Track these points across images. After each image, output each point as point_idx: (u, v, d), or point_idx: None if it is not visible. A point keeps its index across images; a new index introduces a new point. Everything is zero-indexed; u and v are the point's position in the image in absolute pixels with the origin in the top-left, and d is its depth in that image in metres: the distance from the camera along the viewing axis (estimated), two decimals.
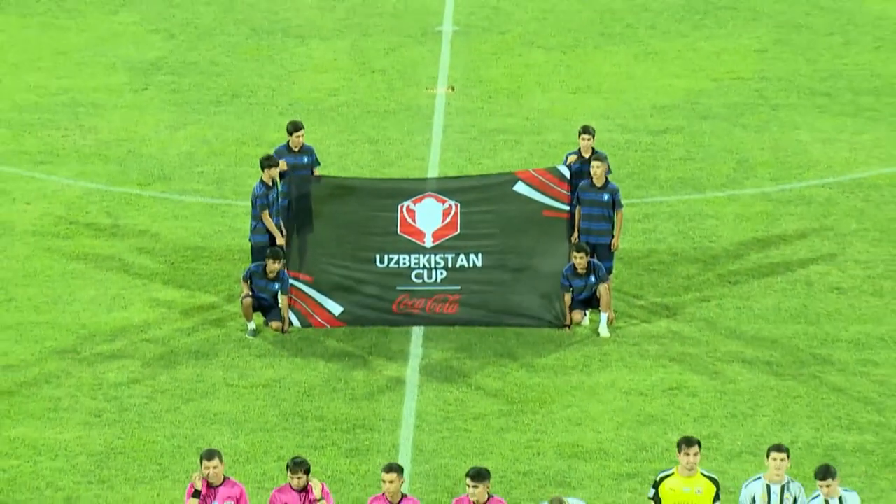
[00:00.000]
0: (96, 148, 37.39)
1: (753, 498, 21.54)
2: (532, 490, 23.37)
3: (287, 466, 21.52)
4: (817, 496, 21.50)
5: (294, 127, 30.93)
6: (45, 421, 26.54)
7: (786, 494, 21.55)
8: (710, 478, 21.77)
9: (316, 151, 31.06)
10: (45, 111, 39.43)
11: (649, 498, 21.64)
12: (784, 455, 21.52)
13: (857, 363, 28.48)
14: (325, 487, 21.57)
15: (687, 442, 21.61)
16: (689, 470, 21.52)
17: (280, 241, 29.61)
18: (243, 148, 35.12)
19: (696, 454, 21.48)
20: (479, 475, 21.34)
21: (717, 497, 21.58)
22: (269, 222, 29.71)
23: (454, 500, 21.59)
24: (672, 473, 21.64)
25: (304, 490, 21.39)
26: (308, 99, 39.33)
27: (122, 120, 39.07)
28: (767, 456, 21.55)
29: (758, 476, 21.72)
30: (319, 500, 21.36)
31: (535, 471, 24.97)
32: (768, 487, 21.60)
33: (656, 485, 21.67)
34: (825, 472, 21.43)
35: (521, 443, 26.18)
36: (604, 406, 27.25)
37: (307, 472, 21.46)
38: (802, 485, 21.80)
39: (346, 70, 42.32)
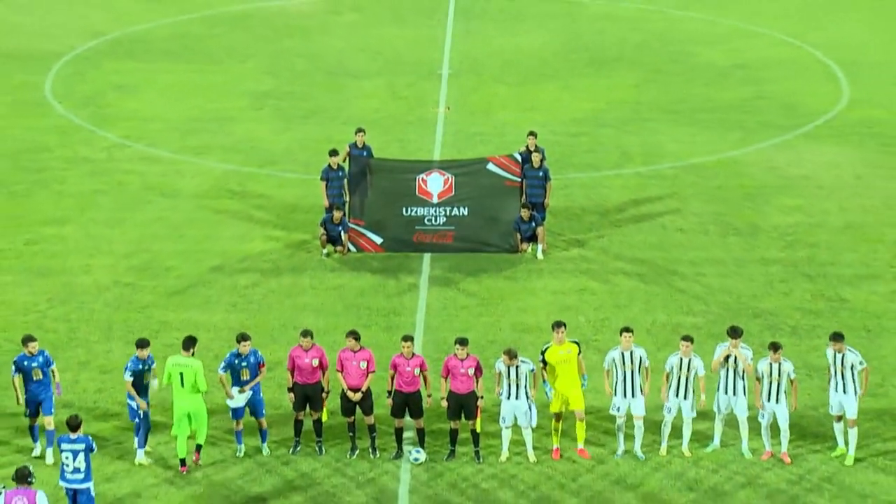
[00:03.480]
0: (232, 144, 37.33)
1: (613, 359, 21.68)
2: (496, 352, 23.38)
3: (347, 335, 21.68)
4: (676, 354, 21.60)
5: (359, 129, 31.00)
6: (201, 309, 26.67)
7: (634, 356, 21.61)
8: (573, 342, 21.94)
9: (371, 149, 30.97)
10: (201, 122, 39.37)
11: (540, 361, 21.80)
12: (630, 334, 21.64)
13: (693, 275, 28.52)
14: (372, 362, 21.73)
15: (556, 324, 21.79)
16: (560, 342, 21.66)
17: (325, 202, 29.66)
18: (320, 145, 35.00)
19: (562, 332, 21.66)
20: (463, 341, 21.48)
21: (579, 352, 21.80)
22: (322, 189, 29.90)
23: (447, 357, 21.65)
24: (550, 345, 21.81)
25: (356, 352, 21.53)
26: (359, 115, 39.23)
27: (247, 127, 39.00)
28: (620, 335, 21.67)
29: (616, 347, 21.80)
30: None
31: (497, 340, 25.05)
32: (622, 354, 21.68)
33: (542, 353, 21.84)
34: (685, 337, 21.76)
35: (489, 323, 26.26)
36: (539, 300, 27.31)
37: (357, 339, 21.63)
38: (646, 349, 22.03)
39: (383, 97, 42.25)
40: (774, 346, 21.43)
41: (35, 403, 21.34)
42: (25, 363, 21.25)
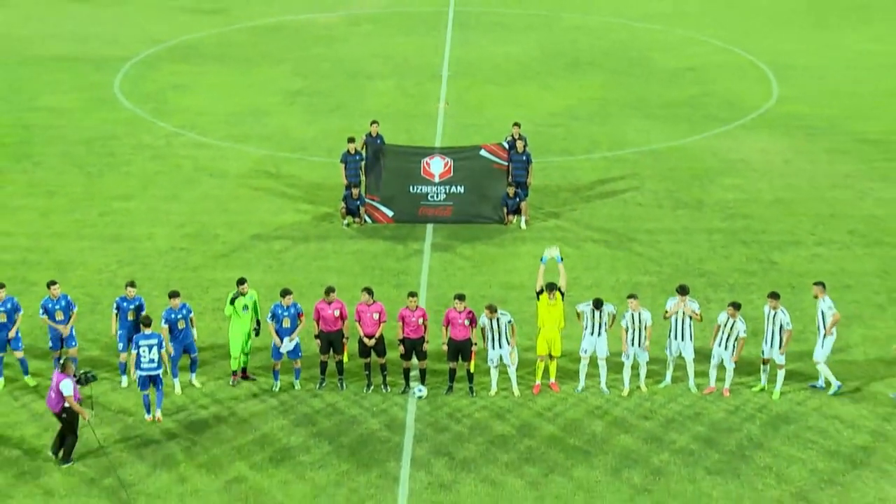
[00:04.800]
0: (268, 133, 37.13)
1: (584, 311, 21.65)
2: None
3: (362, 291, 21.75)
4: (628, 311, 21.57)
5: (372, 121, 30.78)
6: (243, 269, 26.53)
7: (604, 310, 21.60)
8: (559, 290, 21.81)
9: (384, 138, 30.78)
10: (243, 115, 39.12)
11: (536, 299, 21.80)
12: (601, 305, 21.57)
13: (649, 241, 28.46)
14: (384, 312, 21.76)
15: (549, 286, 21.70)
16: (552, 298, 21.55)
17: (345, 181, 29.48)
18: (342, 134, 34.79)
19: (554, 293, 21.57)
20: (460, 297, 21.51)
21: (562, 298, 21.70)
22: (342, 171, 29.68)
23: (447, 309, 21.67)
24: (544, 294, 21.66)
25: (370, 305, 21.53)
26: (375, 109, 39.02)
27: (281, 120, 38.77)
28: (593, 305, 21.63)
29: (587, 302, 21.80)
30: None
31: (488, 296, 24.98)
32: (592, 310, 21.66)
33: (538, 294, 21.73)
34: (631, 295, 21.61)
35: (482, 282, 26.21)
36: (523, 263, 27.24)
37: (371, 294, 21.64)
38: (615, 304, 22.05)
39: (394, 95, 42.02)
40: (735, 305, 21.38)
41: (128, 340, 21.58)
42: (124, 304, 21.64)
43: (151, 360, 20.28)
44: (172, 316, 21.38)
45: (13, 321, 21.52)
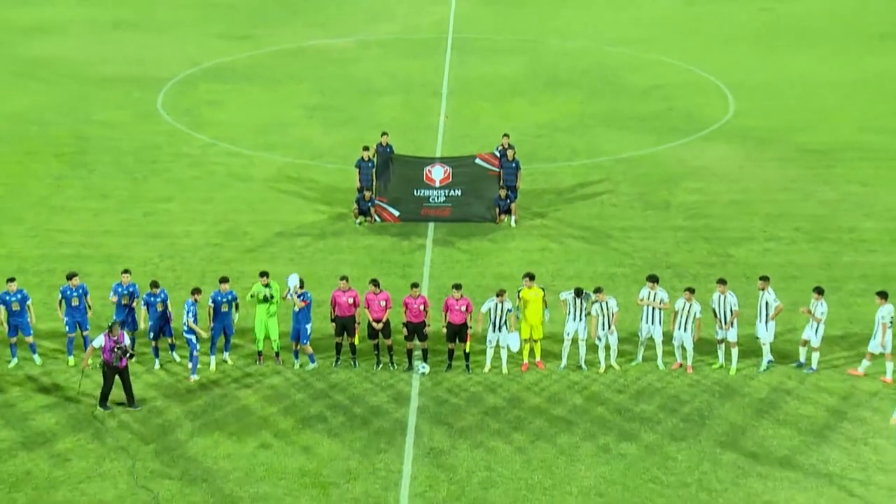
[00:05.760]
0: (290, 143, 36.86)
1: (567, 299, 21.50)
2: (482, 294, 23.30)
3: (370, 282, 21.65)
4: (595, 301, 21.46)
5: (383, 132, 30.60)
6: (269, 262, 26.29)
7: (584, 297, 21.48)
8: (540, 287, 21.78)
9: (393, 147, 30.59)
10: (269, 126, 38.88)
11: (517, 296, 21.65)
12: (581, 293, 21.40)
13: (622, 238, 28.31)
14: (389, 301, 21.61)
15: (528, 276, 21.52)
16: (530, 287, 21.44)
17: (358, 185, 29.31)
18: (354, 144, 34.55)
19: (528, 280, 21.46)
20: (458, 286, 21.44)
21: (544, 295, 21.58)
22: (356, 175, 29.48)
23: (446, 297, 21.58)
24: (524, 288, 21.57)
25: (377, 294, 21.43)
26: (382, 122, 38.74)
27: (301, 131, 38.54)
28: (574, 294, 21.48)
29: (570, 290, 21.66)
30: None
31: (483, 285, 24.87)
32: (574, 297, 21.52)
33: (518, 292, 21.64)
34: (597, 288, 21.54)
35: (476, 272, 26.08)
36: (512, 256, 27.13)
37: (377, 285, 21.51)
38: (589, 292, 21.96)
39: (400, 109, 41.80)
40: (690, 290, 21.42)
41: (156, 329, 21.62)
42: (151, 299, 21.68)
43: (184, 324, 20.78)
44: (219, 298, 21.46)
45: (84, 305, 21.76)
